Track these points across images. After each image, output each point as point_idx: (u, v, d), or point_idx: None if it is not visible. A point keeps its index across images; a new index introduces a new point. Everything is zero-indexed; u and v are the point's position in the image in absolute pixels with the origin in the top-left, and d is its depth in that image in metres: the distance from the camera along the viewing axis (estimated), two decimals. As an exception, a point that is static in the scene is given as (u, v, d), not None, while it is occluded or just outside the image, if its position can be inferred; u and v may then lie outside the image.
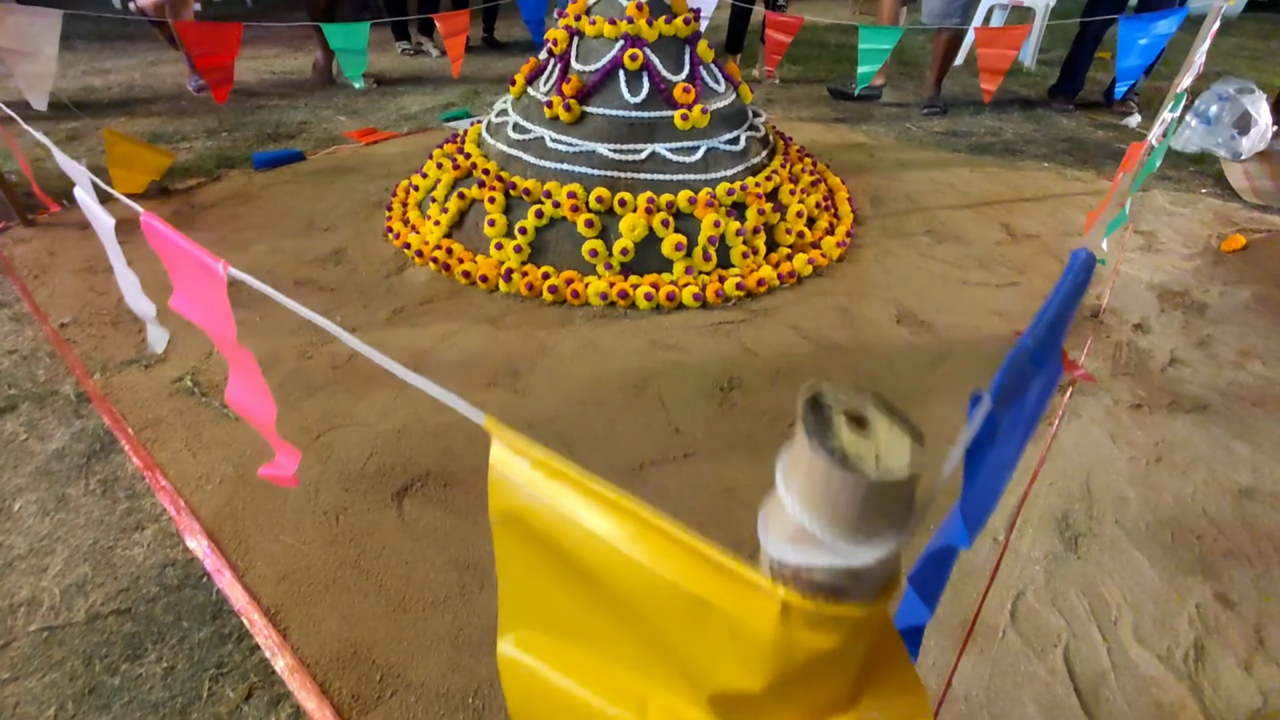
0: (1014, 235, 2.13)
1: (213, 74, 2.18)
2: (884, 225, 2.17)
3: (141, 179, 2.20)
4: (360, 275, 1.79)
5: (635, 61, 1.78)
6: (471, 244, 1.85)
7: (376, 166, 2.52)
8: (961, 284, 1.83)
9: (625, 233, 1.69)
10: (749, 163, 1.93)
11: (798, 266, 1.80)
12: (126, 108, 3.11)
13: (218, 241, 1.93)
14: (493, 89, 3.63)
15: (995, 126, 3.32)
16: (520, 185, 1.77)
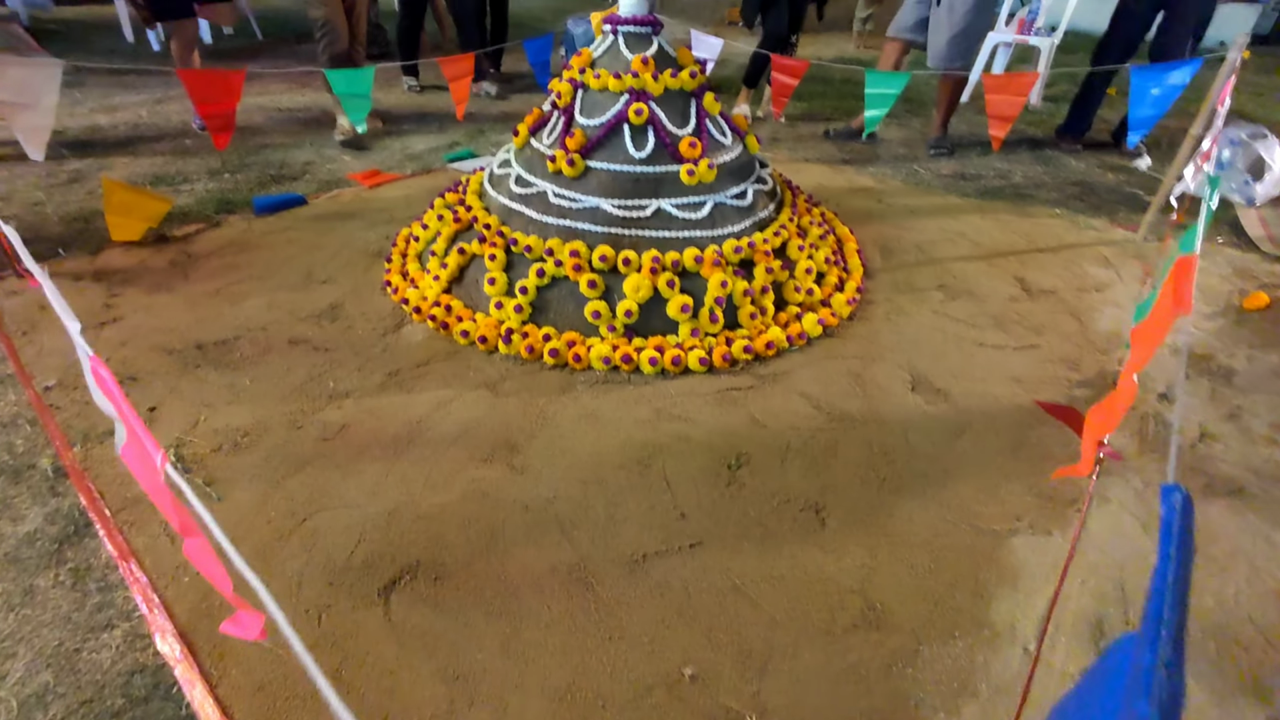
0: (1029, 290, 2.07)
1: (214, 120, 2.15)
2: (895, 279, 2.12)
3: (139, 226, 2.16)
4: (356, 333, 1.74)
5: (640, 116, 1.74)
6: (471, 300, 1.80)
7: (378, 212, 2.49)
8: (977, 346, 1.77)
9: (629, 294, 1.64)
10: (756, 217, 1.89)
11: (807, 327, 1.75)
12: (131, 146, 3.10)
13: (214, 294, 1.89)
14: (497, 128, 3.62)
15: (1004, 169, 3.29)
16: (522, 242, 1.73)
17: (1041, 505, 1.26)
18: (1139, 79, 2.24)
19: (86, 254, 2.10)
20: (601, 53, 1.86)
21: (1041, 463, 1.37)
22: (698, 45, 3.00)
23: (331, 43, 3.06)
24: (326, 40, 3.05)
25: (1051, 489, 1.29)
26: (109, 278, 1.96)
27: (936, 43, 3.12)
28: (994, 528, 1.20)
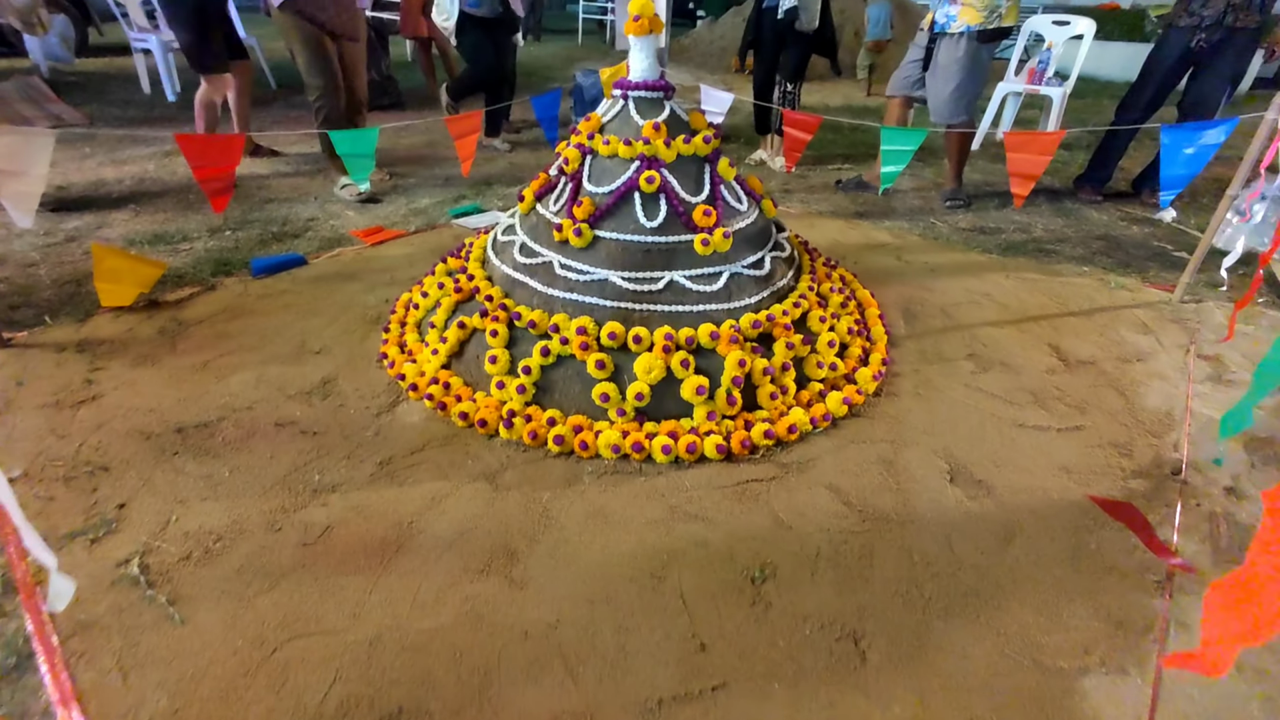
0: (1066, 361, 1.94)
1: (211, 184, 2.09)
2: (921, 348, 1.99)
3: (129, 292, 2.08)
4: (348, 413, 1.63)
5: (652, 184, 1.65)
6: (471, 377, 1.69)
7: (379, 273, 2.41)
8: (1017, 427, 1.64)
9: (640, 375, 1.52)
10: (774, 287, 1.78)
11: (831, 407, 1.62)
12: (134, 202, 3.06)
13: (201, 368, 1.79)
14: (504, 182, 3.58)
15: (1023, 221, 3.20)
16: (525, 316, 1.62)
17: (1112, 634, 1.10)
18: (1171, 138, 2.15)
19: (74, 320, 2.01)
20: (611, 117, 1.78)
21: (1105, 576, 1.22)
22: (707, 99, 2.96)
23: (328, 113, 3.02)
24: (321, 107, 3.01)
25: (1121, 612, 1.14)
26: (93, 348, 1.87)
27: (935, 100, 3.09)
28: (1060, 664, 1.05)
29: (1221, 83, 3.11)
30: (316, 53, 2.89)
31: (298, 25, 2.82)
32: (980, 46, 2.89)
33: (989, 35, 2.88)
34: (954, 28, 2.88)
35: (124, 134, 4.31)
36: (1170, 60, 3.14)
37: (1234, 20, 2.95)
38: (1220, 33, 3.00)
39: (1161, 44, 3.20)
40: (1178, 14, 3.11)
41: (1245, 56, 3.12)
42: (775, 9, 3.60)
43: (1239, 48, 3.05)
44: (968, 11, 2.83)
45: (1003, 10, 2.83)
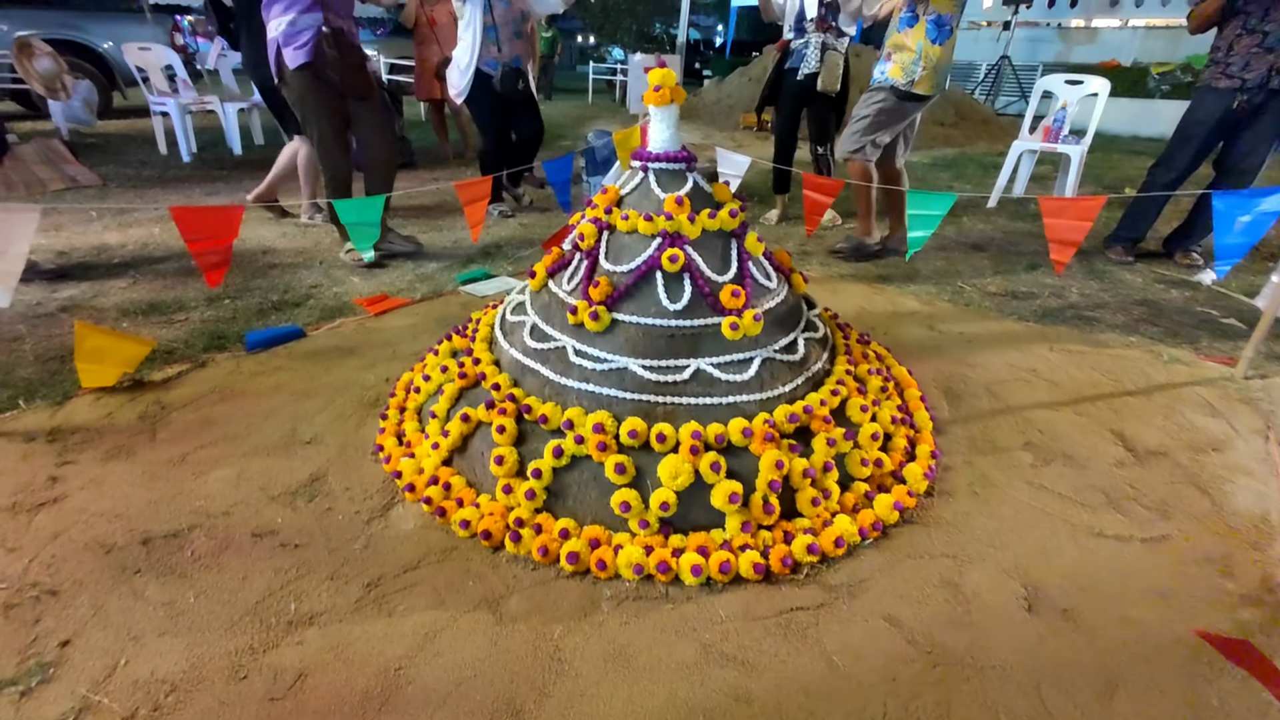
0: (1134, 450, 1.75)
1: (206, 258, 1.97)
2: (970, 435, 1.81)
3: (112, 372, 1.94)
4: (336, 519, 1.45)
5: (675, 263, 1.51)
6: (475, 476, 1.52)
7: (380, 347, 2.27)
8: (1094, 536, 1.43)
9: (666, 481, 1.34)
10: (809, 372, 1.62)
11: (882, 514, 1.43)
12: (134, 269, 2.97)
13: (178, 462, 1.62)
14: (513, 245, 3.49)
15: (1057, 285, 3.05)
16: (536, 410, 1.46)
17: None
18: (1225, 205, 2.01)
19: (51, 404, 1.87)
20: (630, 190, 1.66)
21: (1238, 746, 1.00)
22: (723, 162, 2.87)
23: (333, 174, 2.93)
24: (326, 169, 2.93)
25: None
26: (65, 438, 1.71)
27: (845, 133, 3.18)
28: None
29: (1264, 143, 3.02)
30: (328, 116, 2.84)
31: (312, 87, 2.77)
32: (898, 101, 3.01)
33: (905, 94, 2.99)
34: (881, 81, 3.06)
35: (133, 196, 4.29)
36: (1211, 122, 3.06)
37: (1278, 84, 2.88)
38: (1262, 95, 2.92)
39: (1199, 105, 3.12)
40: (1214, 75, 3.03)
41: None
42: (796, 70, 3.56)
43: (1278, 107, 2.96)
44: (894, 69, 2.99)
45: (915, 78, 2.94)
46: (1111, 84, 4.51)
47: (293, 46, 2.67)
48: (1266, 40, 2.87)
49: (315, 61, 2.68)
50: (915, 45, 2.90)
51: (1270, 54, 2.87)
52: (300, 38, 2.67)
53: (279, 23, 2.65)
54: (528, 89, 3.78)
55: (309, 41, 2.67)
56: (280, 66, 2.72)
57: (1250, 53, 2.91)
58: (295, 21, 2.65)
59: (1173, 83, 9.36)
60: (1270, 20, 2.85)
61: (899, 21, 2.97)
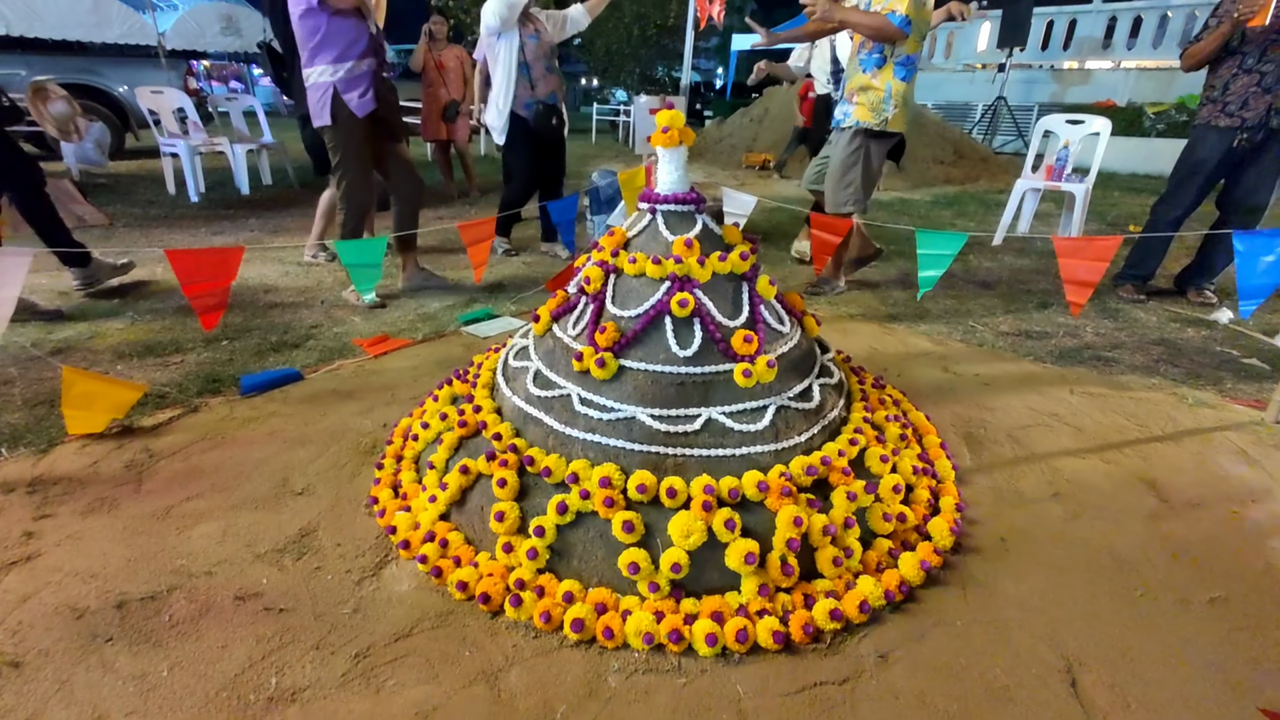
0: (1169, 502, 1.66)
1: (202, 300, 1.93)
2: (995, 485, 1.72)
3: (101, 419, 1.88)
4: (325, 580, 1.36)
5: (685, 308, 1.46)
6: (474, 532, 1.43)
7: (379, 390, 2.20)
8: (1138, 599, 1.33)
9: (677, 539, 1.26)
10: (825, 420, 1.55)
11: (907, 574, 1.34)
12: (133, 309, 2.94)
13: (162, 516, 1.54)
14: (516, 283, 3.46)
15: (1069, 324, 2.99)
16: (539, 462, 1.38)
17: None
18: (1247, 246, 1.96)
19: (35, 452, 1.80)
20: (637, 233, 1.62)
21: None
22: (729, 201, 2.85)
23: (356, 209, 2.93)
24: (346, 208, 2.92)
25: None
26: (46, 489, 1.64)
27: (828, 189, 3.17)
28: None
29: (1269, 180, 3.00)
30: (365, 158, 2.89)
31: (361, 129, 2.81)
32: (870, 142, 3.02)
33: (876, 134, 3.00)
34: (847, 123, 3.05)
35: (138, 235, 4.30)
36: (1213, 160, 3.05)
37: (1278, 123, 2.87)
38: (1263, 133, 2.91)
39: (1200, 143, 3.11)
40: (1213, 114, 3.03)
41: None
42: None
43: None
44: (860, 110, 2.99)
45: (888, 116, 2.95)
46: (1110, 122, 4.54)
47: (355, 94, 2.73)
48: (1264, 80, 2.88)
49: (381, 108, 2.78)
50: (884, 85, 2.91)
51: (1268, 94, 2.87)
52: (359, 84, 2.73)
53: (333, 69, 2.70)
54: (562, 126, 3.80)
55: (369, 88, 2.75)
56: (336, 109, 2.74)
57: (1249, 92, 2.92)
58: (353, 69, 2.71)
59: (1168, 122, 9.50)
60: (1267, 60, 2.86)
61: (861, 63, 2.98)
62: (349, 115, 2.74)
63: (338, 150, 2.86)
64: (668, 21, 17.91)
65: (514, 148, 3.67)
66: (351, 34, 2.69)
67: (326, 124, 2.78)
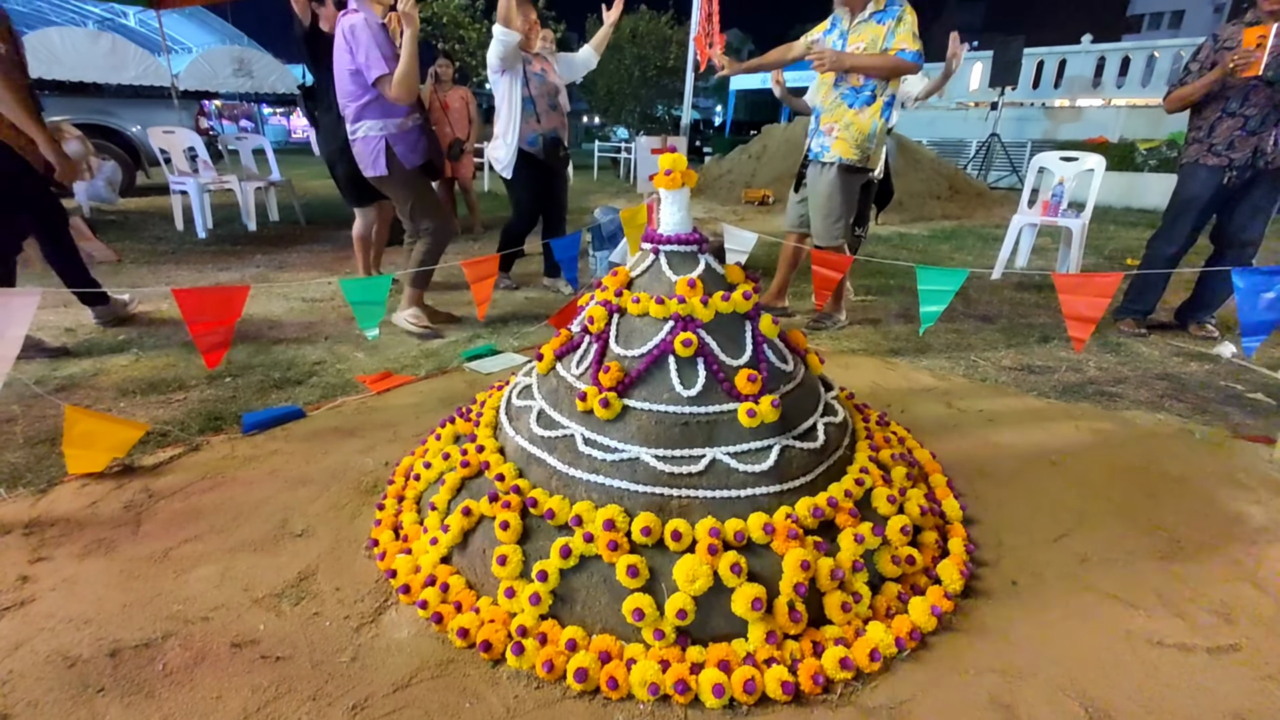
0: (1180, 542, 1.63)
1: (206, 339, 1.94)
2: (1003, 525, 1.70)
3: (102, 458, 1.87)
4: (323, 626, 1.33)
5: (689, 347, 1.46)
6: (476, 575, 1.41)
7: (381, 428, 2.20)
8: (1155, 646, 1.30)
9: (683, 584, 1.23)
10: (830, 460, 1.54)
11: (918, 620, 1.31)
12: (138, 346, 2.95)
13: (160, 559, 1.52)
14: (519, 320, 3.48)
15: (1073, 359, 2.99)
16: (542, 504, 1.37)
17: None
18: (1246, 283, 1.97)
19: (34, 491, 1.78)
20: (641, 272, 1.63)
21: None
22: (730, 238, 2.88)
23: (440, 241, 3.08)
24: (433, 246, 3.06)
25: None
26: (44, 530, 1.62)
27: (815, 225, 3.24)
28: None
29: (1261, 215, 3.06)
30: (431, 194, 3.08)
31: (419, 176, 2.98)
32: (849, 176, 3.10)
33: (857, 169, 3.08)
34: (826, 157, 3.09)
35: (146, 272, 4.34)
36: (1205, 197, 3.10)
37: (1264, 163, 2.93)
38: (1251, 171, 2.97)
39: (1190, 181, 3.16)
40: (1201, 154, 3.10)
41: (1277, 189, 3.07)
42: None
43: (1269, 182, 3.01)
44: (841, 145, 3.04)
45: (869, 153, 3.05)
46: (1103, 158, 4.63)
47: (405, 147, 2.87)
48: (1248, 124, 2.95)
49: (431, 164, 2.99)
50: (870, 123, 2.99)
51: (1254, 136, 2.94)
52: (408, 138, 2.88)
53: (382, 124, 2.81)
54: (567, 158, 3.88)
55: (418, 140, 2.91)
56: (390, 162, 2.87)
57: (1234, 134, 2.99)
58: (401, 124, 2.84)
59: (1159, 158, 9.69)
60: (1250, 104, 2.94)
61: (844, 98, 3.03)
62: (400, 166, 2.88)
63: (402, 198, 3.00)
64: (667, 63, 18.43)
65: (518, 180, 3.75)
66: None
67: (382, 174, 2.91)
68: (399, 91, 2.72)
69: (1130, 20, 39.07)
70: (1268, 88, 2.86)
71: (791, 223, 3.51)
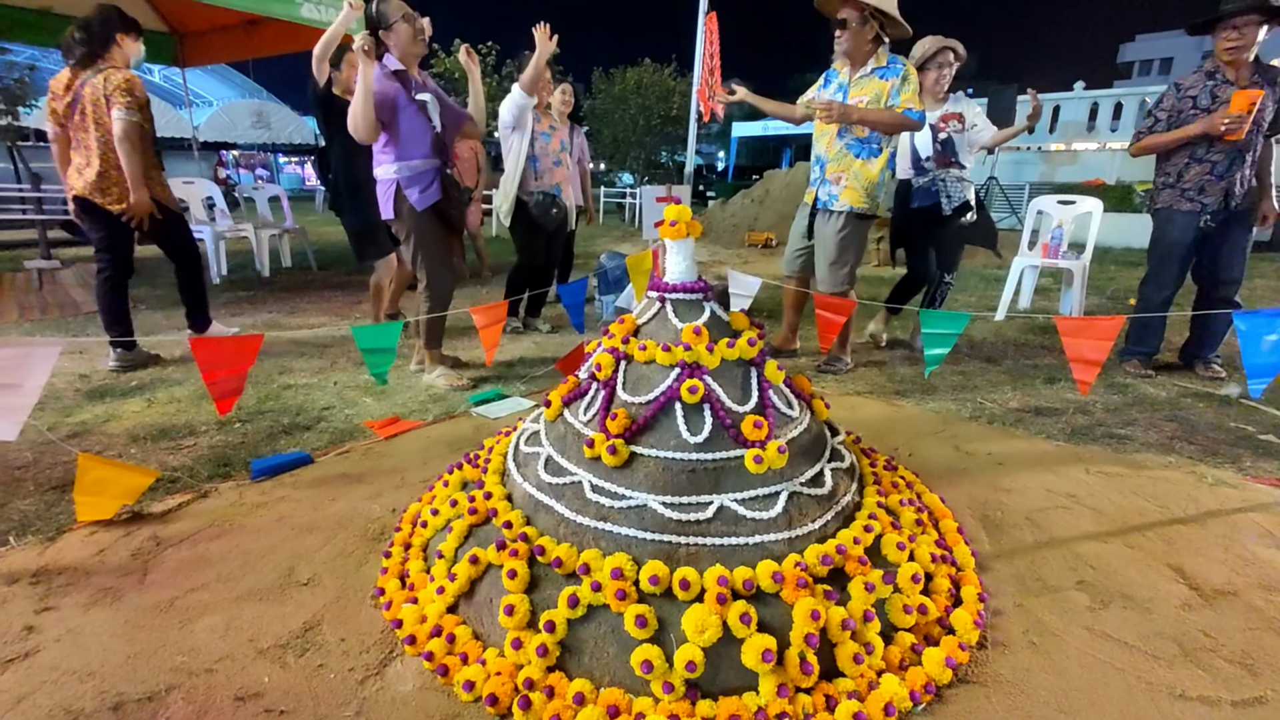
0: (1199, 590, 1.60)
1: (219, 386, 1.97)
2: (1016, 571, 1.68)
3: (111, 505, 1.88)
4: (327, 678, 1.31)
5: (695, 394, 1.48)
6: (483, 626, 1.39)
7: (389, 473, 2.20)
8: (1177, 699, 1.27)
9: (692, 635, 1.22)
10: (838, 505, 1.53)
11: (933, 672, 1.28)
12: (152, 390, 2.99)
13: (165, 609, 1.51)
14: (526, 364, 3.51)
15: (1080, 401, 2.98)
16: (550, 552, 1.36)
17: None
18: (1249, 325, 1.99)
19: (43, 539, 1.79)
20: (647, 320, 1.66)
21: None
22: (734, 283, 2.93)
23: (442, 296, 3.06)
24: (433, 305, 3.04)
25: None
26: (50, 579, 1.62)
27: (822, 272, 3.30)
28: None
29: (1239, 253, 3.14)
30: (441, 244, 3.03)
31: (430, 222, 2.95)
32: (859, 224, 3.20)
33: (867, 217, 3.19)
34: (837, 205, 3.17)
35: (160, 317, 4.42)
36: (1186, 240, 3.21)
37: (1236, 205, 3.03)
38: (1225, 214, 3.05)
39: (1168, 226, 3.26)
40: (1174, 199, 3.19)
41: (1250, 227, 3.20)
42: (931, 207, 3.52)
43: (1244, 222, 3.10)
44: (851, 193, 3.14)
45: (879, 202, 3.17)
46: (1101, 201, 4.71)
47: (417, 189, 2.88)
48: (1216, 169, 3.05)
49: (442, 201, 2.94)
50: (879, 173, 3.12)
51: (1223, 180, 3.04)
52: (421, 181, 2.88)
53: (396, 166, 2.85)
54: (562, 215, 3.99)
55: (431, 184, 2.90)
56: (398, 204, 2.89)
57: (1204, 180, 3.08)
58: (416, 166, 2.87)
59: (1155, 199, 9.83)
60: (1215, 151, 3.04)
61: (851, 149, 3.13)
62: (409, 209, 2.89)
63: (408, 240, 3.00)
64: (670, 112, 19.01)
65: (515, 229, 3.95)
66: (415, 135, 2.86)
67: (390, 217, 2.94)
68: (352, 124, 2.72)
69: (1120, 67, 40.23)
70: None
71: (791, 269, 3.57)
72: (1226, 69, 2.99)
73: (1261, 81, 2.93)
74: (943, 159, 3.57)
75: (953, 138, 3.56)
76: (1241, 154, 2.98)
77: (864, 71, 3.08)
